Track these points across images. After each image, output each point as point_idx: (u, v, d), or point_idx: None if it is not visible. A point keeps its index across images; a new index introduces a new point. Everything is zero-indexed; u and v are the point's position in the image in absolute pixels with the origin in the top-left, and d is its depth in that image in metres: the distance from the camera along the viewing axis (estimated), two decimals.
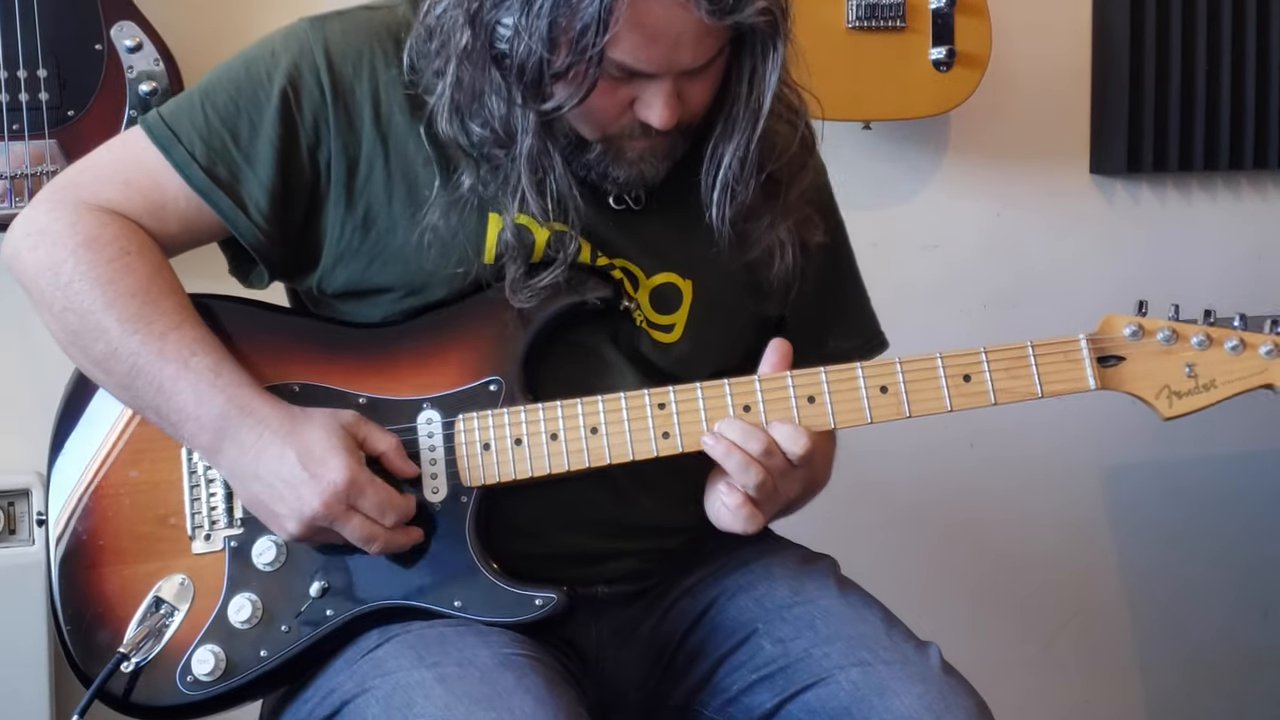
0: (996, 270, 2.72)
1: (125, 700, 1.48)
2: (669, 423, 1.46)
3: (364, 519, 1.42)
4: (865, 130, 2.49)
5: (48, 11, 2.06)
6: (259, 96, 1.49)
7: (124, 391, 1.48)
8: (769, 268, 1.56)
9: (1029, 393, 1.47)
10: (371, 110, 1.50)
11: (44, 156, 2.07)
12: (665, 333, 1.56)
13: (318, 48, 1.50)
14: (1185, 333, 1.49)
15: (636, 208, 1.54)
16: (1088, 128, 2.74)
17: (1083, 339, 1.48)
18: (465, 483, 1.47)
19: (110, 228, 1.48)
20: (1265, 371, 1.46)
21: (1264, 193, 2.84)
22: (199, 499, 1.50)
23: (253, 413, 1.43)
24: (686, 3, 1.35)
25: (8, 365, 2.26)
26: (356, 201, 1.51)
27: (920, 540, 2.73)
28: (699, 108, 1.47)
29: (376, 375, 1.51)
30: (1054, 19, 2.69)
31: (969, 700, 1.45)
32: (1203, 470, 2.87)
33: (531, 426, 1.47)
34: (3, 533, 2.16)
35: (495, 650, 1.41)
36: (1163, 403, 1.48)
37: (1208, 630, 2.90)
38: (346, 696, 1.44)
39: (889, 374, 1.47)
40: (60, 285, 1.46)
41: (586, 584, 1.53)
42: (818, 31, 2.35)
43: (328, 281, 1.54)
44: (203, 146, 1.49)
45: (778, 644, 1.51)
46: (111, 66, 2.10)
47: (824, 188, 1.69)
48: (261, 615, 1.47)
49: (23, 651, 2.11)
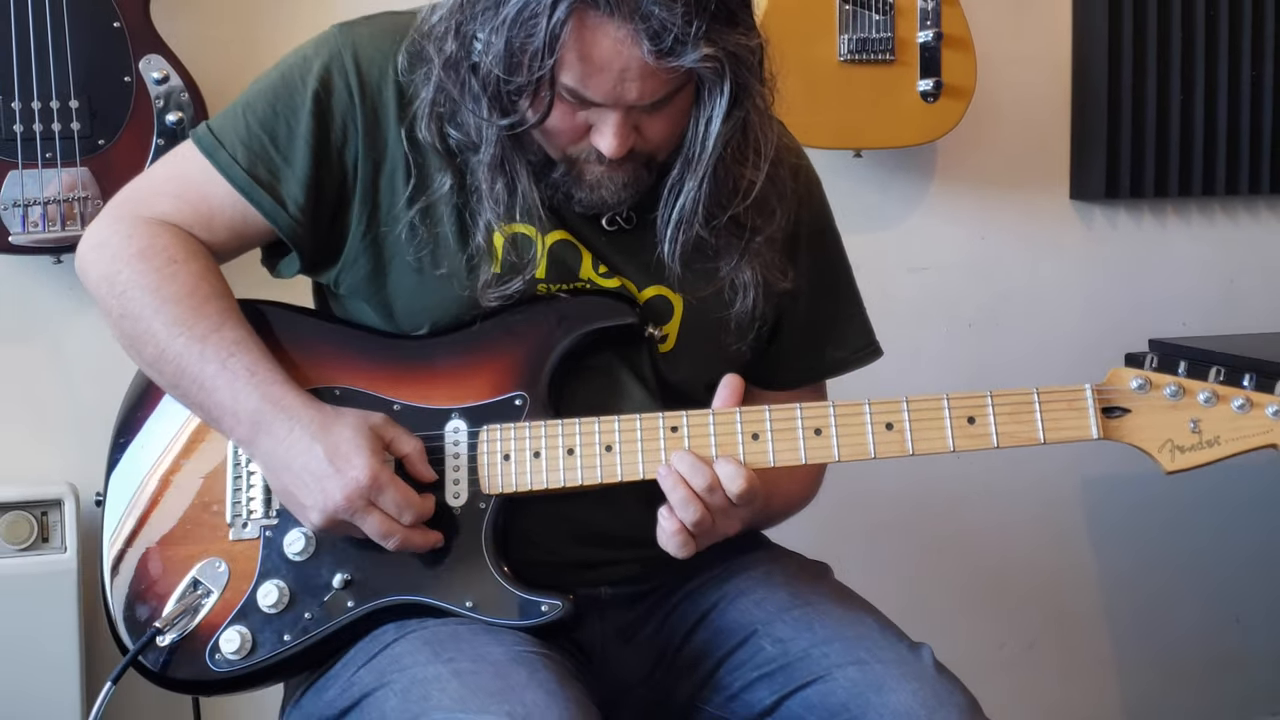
0: (981, 291, 2.74)
1: (157, 672, 1.52)
2: (680, 445, 1.46)
3: (383, 515, 1.44)
4: (856, 158, 2.54)
5: (79, 46, 2.11)
6: (294, 100, 1.52)
7: (173, 389, 1.52)
8: (731, 305, 1.56)
9: (1031, 438, 1.45)
10: (397, 112, 1.52)
11: (76, 184, 2.12)
12: (661, 343, 1.58)
13: (346, 51, 1.52)
14: (1192, 389, 1.44)
15: (628, 227, 1.55)
16: (1068, 156, 2.76)
17: (1088, 389, 1.45)
18: (485, 490, 1.49)
19: (161, 238, 1.52)
20: (1270, 431, 1.43)
21: (1236, 218, 2.86)
22: (240, 489, 1.54)
23: (285, 409, 1.46)
24: (631, 40, 1.34)
25: (41, 383, 2.31)
26: (380, 200, 1.53)
27: (909, 547, 2.74)
28: (659, 142, 1.46)
29: (412, 384, 1.53)
30: (1035, 53, 2.72)
31: (961, 697, 1.46)
32: (1177, 482, 2.78)
33: (550, 441, 1.49)
34: (36, 541, 2.19)
35: (507, 647, 1.43)
36: (1165, 456, 1.45)
37: (1181, 633, 2.91)
38: (366, 689, 1.46)
39: (895, 412, 1.45)
40: (116, 294, 1.51)
41: (592, 586, 1.55)
42: (812, 64, 2.39)
43: (344, 277, 1.57)
44: (244, 150, 1.53)
45: (777, 644, 1.52)
46: (140, 98, 2.14)
47: (819, 214, 1.68)
48: (288, 601, 1.50)
49: (55, 656, 2.15)
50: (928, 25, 2.43)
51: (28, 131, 2.10)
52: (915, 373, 2.58)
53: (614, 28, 1.35)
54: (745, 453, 1.46)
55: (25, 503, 2.20)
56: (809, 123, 2.39)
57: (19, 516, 2.19)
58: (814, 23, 2.39)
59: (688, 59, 1.35)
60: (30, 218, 2.11)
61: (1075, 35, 2.73)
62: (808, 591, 1.58)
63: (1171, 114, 2.72)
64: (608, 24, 1.35)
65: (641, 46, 1.34)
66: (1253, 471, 2.75)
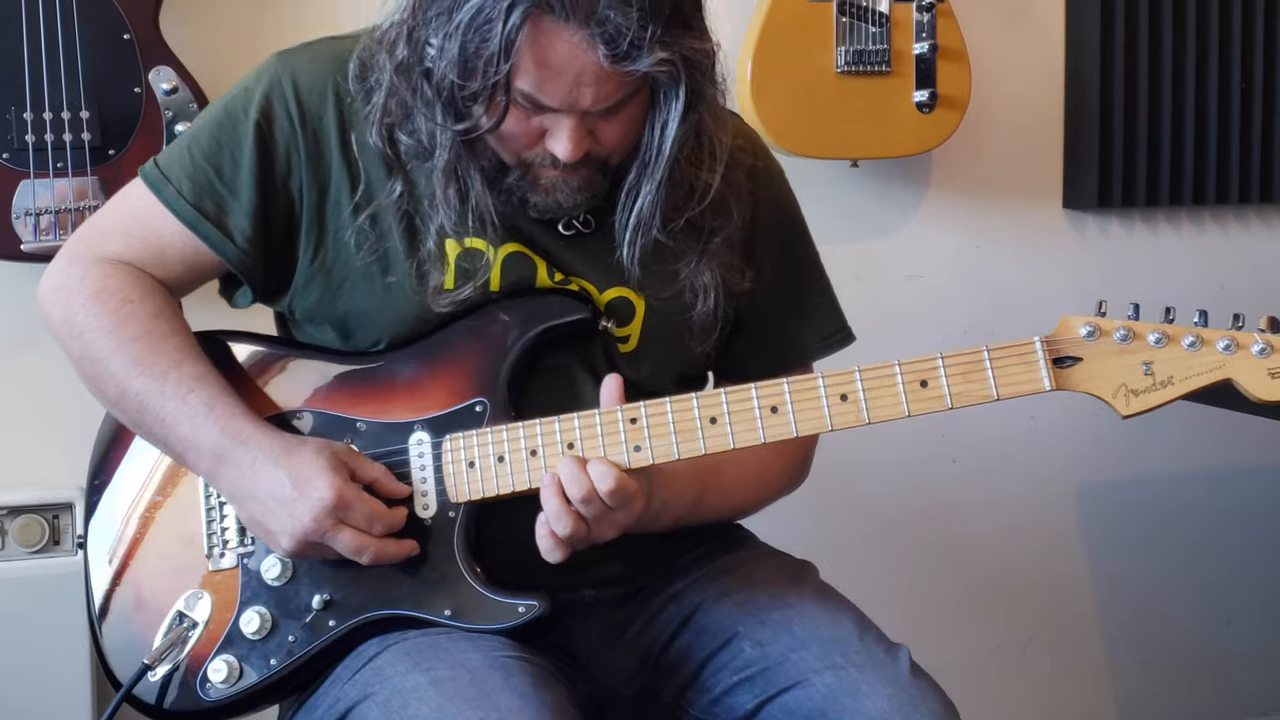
0: (975, 298, 2.75)
1: (153, 705, 1.52)
2: (640, 436, 1.44)
3: (354, 531, 1.44)
4: (853, 168, 2.54)
5: (90, 57, 2.12)
6: (237, 132, 1.52)
7: (137, 427, 1.53)
8: (691, 307, 1.56)
9: (985, 395, 1.42)
10: (339, 137, 1.52)
11: (86, 192, 2.13)
12: (622, 343, 1.57)
13: (286, 80, 1.52)
14: (1142, 331, 1.41)
15: (586, 231, 1.55)
16: (1060, 165, 2.77)
17: (1038, 340, 1.42)
18: (453, 499, 1.48)
19: (115, 278, 1.52)
20: (1223, 367, 1.39)
21: (1225, 226, 2.88)
22: (214, 520, 1.54)
23: (245, 440, 1.46)
24: (586, 45, 1.34)
25: (52, 387, 2.26)
26: (327, 226, 1.53)
27: (906, 550, 2.75)
28: (614, 147, 1.46)
29: (373, 400, 1.53)
30: (1029, 65, 2.74)
31: (936, 702, 1.46)
32: (1169, 486, 2.88)
33: (513, 444, 1.48)
34: (47, 544, 2.21)
35: (486, 654, 1.42)
36: (1120, 401, 1.41)
37: (1173, 635, 2.93)
38: (350, 703, 1.46)
39: (848, 382, 1.43)
40: (74, 336, 1.53)
41: (574, 589, 1.55)
42: (809, 76, 2.40)
43: (297, 304, 1.57)
44: (190, 184, 1.53)
45: (757, 647, 1.52)
46: (149, 108, 2.15)
47: (781, 202, 1.67)
48: (270, 627, 1.50)
49: (66, 657, 2.16)
50: (923, 38, 2.44)
51: (39, 141, 2.12)
52: None
53: (569, 33, 1.34)
54: (705, 436, 1.45)
55: (37, 506, 2.22)
56: (807, 133, 2.42)
57: (31, 520, 2.21)
58: (812, 35, 2.41)
59: (643, 64, 1.35)
60: (41, 226, 2.13)
61: (1068, 48, 2.75)
62: (789, 593, 1.58)
63: (1162, 125, 2.74)
64: (563, 29, 1.34)
65: (597, 51, 1.34)
66: (1244, 474, 2.85)
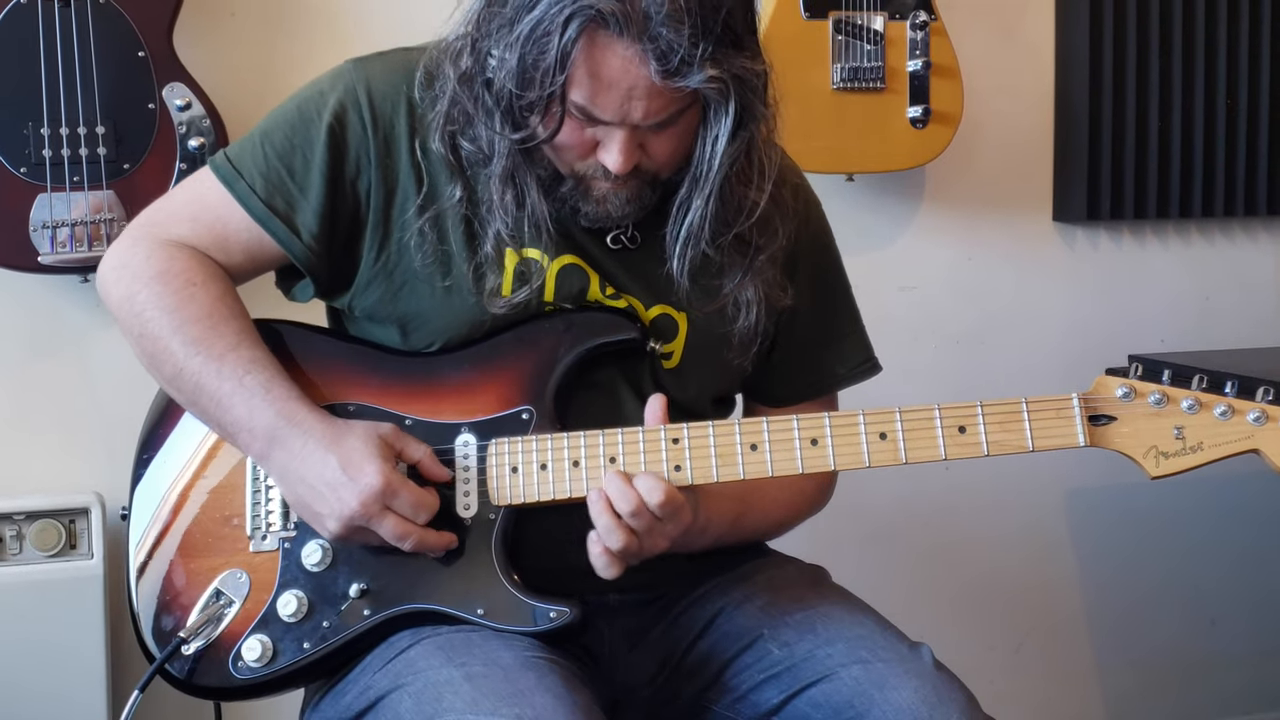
0: (968, 309, 2.78)
1: (183, 679, 1.55)
2: (681, 456, 1.47)
3: (398, 518, 1.46)
4: (849, 182, 2.57)
5: (106, 74, 2.15)
6: (310, 133, 1.54)
7: (191, 406, 1.55)
8: (734, 321, 1.58)
9: (1020, 445, 1.45)
10: (408, 142, 1.54)
11: (102, 206, 2.15)
12: (666, 359, 1.60)
13: (360, 85, 1.55)
14: (1176, 396, 1.45)
15: (633, 247, 1.57)
16: (1050, 180, 2.80)
17: (1075, 397, 1.46)
18: (494, 501, 1.51)
19: (179, 260, 1.55)
20: (1252, 437, 1.43)
21: (1211, 239, 2.90)
22: (259, 503, 1.56)
23: (299, 424, 1.48)
24: (639, 60, 1.36)
25: (70, 396, 2.34)
26: (391, 229, 1.55)
27: (901, 555, 2.78)
28: (664, 161, 1.48)
29: (423, 399, 1.55)
30: (1020, 82, 2.77)
31: (960, 694, 1.48)
32: (1156, 493, 2.67)
33: (556, 454, 1.50)
34: (64, 548, 2.22)
35: (517, 653, 1.45)
36: (1150, 462, 1.45)
37: (1160, 637, 2.96)
38: (382, 692, 1.48)
39: (888, 422, 1.45)
40: (135, 314, 1.54)
41: (600, 593, 1.56)
42: (806, 93, 2.43)
43: (358, 302, 1.59)
44: (262, 181, 1.55)
45: (783, 647, 1.55)
46: (163, 124, 2.18)
47: (818, 232, 1.70)
48: (307, 611, 1.52)
49: (82, 660, 2.18)
50: (917, 55, 2.47)
51: (56, 156, 2.14)
52: (905, 388, 2.54)
53: (623, 47, 1.37)
54: (744, 462, 1.47)
55: (54, 511, 2.23)
56: (804, 148, 2.40)
57: (48, 524, 2.22)
58: (809, 53, 2.44)
59: (693, 80, 1.37)
60: (59, 239, 2.15)
61: (1057, 65, 2.78)
62: (810, 595, 1.61)
63: (1150, 140, 2.76)
64: (617, 43, 1.37)
65: (649, 66, 1.36)
66: (1227, 483, 2.84)
